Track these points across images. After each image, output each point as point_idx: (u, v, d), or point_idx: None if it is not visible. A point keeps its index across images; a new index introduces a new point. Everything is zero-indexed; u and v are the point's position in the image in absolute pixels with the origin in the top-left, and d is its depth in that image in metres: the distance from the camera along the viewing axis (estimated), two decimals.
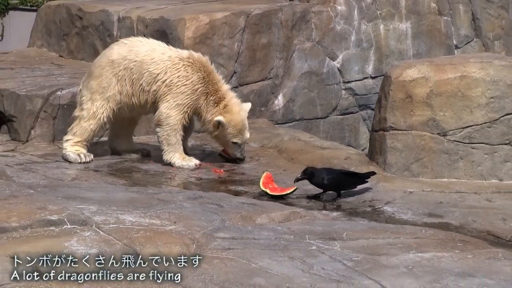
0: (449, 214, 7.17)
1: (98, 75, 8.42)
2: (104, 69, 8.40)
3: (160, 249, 5.25)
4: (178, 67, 8.26)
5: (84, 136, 8.50)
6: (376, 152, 8.46)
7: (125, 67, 8.34)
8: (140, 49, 8.42)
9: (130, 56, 8.37)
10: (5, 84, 10.01)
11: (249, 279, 4.96)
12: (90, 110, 8.43)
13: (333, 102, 11.42)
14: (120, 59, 8.37)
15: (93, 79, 8.45)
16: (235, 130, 8.36)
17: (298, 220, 6.53)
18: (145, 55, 8.35)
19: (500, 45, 12.97)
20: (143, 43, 8.56)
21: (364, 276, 5.10)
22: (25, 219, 5.53)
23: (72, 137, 8.55)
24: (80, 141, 8.52)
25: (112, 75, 8.36)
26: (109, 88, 8.36)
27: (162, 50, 8.45)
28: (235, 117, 8.35)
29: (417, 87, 8.26)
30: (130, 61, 8.34)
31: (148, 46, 8.48)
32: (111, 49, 8.65)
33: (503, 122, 8.21)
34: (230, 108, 8.35)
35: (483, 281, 5.08)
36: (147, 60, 8.32)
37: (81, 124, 8.49)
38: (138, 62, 8.32)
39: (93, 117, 8.43)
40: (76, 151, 8.52)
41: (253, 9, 10.70)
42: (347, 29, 11.47)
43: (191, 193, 7.20)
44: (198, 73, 8.28)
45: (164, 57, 8.33)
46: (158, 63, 8.29)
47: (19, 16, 16.13)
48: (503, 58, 8.84)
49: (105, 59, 8.48)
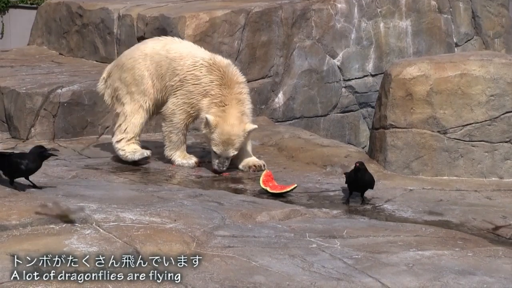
0: (449, 212, 7.16)
1: (131, 67, 8.41)
2: (137, 61, 8.39)
3: (160, 247, 5.25)
4: (195, 66, 8.19)
5: (136, 131, 8.43)
6: (376, 150, 8.46)
7: (156, 62, 8.33)
8: (173, 46, 8.41)
9: (162, 52, 8.36)
10: (5, 82, 10.01)
11: (250, 277, 4.96)
12: (132, 104, 8.41)
13: (333, 100, 11.41)
14: (154, 53, 8.37)
15: (125, 72, 8.43)
16: (219, 138, 8.01)
17: (298, 218, 6.53)
18: (175, 53, 8.32)
19: (500, 43, 12.97)
20: (177, 41, 8.56)
21: (364, 274, 5.10)
22: (25, 217, 5.54)
23: (124, 135, 8.45)
24: (133, 137, 8.44)
25: (144, 68, 8.35)
26: (142, 81, 8.35)
27: (192, 50, 8.41)
28: (226, 126, 8.00)
29: (417, 85, 8.26)
30: (161, 57, 8.33)
31: (181, 45, 8.47)
32: (145, 43, 8.66)
33: (503, 120, 8.21)
34: (226, 116, 8.04)
35: (483, 279, 5.09)
36: (176, 57, 8.29)
37: (128, 120, 8.42)
38: (168, 59, 8.30)
39: (137, 111, 8.40)
40: (134, 150, 8.43)
41: (253, 7, 10.69)
42: (347, 27, 11.47)
43: (191, 191, 7.21)
44: (211, 76, 8.16)
45: (190, 56, 8.28)
46: (184, 60, 8.25)
47: (19, 14, 16.15)
48: (503, 56, 8.83)
49: (139, 52, 8.46)
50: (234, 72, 8.24)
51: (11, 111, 9.60)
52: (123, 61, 8.54)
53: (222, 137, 8.00)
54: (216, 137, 8.01)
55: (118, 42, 11.14)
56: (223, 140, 8.01)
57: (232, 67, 8.30)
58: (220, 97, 8.10)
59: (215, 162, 8.15)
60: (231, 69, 8.24)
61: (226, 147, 8.04)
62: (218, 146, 8.04)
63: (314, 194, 7.72)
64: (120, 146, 8.45)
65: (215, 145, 8.04)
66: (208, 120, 7.98)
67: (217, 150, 8.05)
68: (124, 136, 8.43)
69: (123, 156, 8.43)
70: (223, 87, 8.12)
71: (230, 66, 8.28)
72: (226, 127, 8.00)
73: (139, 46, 8.67)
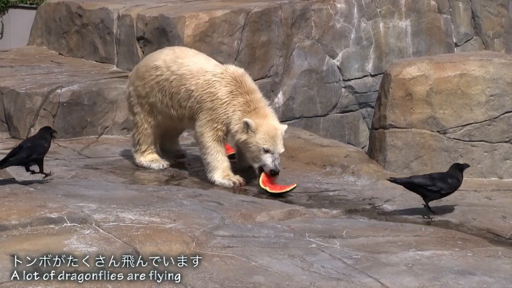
0: (448, 212, 7.16)
1: (142, 76, 8.23)
2: (148, 72, 8.17)
3: (160, 247, 5.25)
4: (209, 83, 7.90)
5: (148, 141, 8.31)
6: (376, 150, 8.46)
7: (166, 77, 8.07)
8: (184, 61, 8.08)
9: (173, 67, 8.07)
10: (4, 82, 10.02)
11: (249, 277, 4.96)
12: (141, 115, 8.27)
13: (333, 100, 11.41)
14: (164, 67, 8.10)
15: (138, 80, 8.28)
16: (266, 135, 7.64)
17: (298, 218, 6.54)
18: (186, 70, 8.02)
19: (499, 43, 12.96)
20: (189, 55, 8.16)
21: (364, 274, 5.11)
22: (25, 217, 5.54)
23: (138, 146, 8.37)
24: (147, 147, 8.33)
25: (154, 81, 8.14)
26: (151, 93, 8.16)
27: (203, 65, 8.05)
28: (268, 122, 7.70)
29: (417, 85, 8.26)
30: (172, 73, 8.05)
31: (192, 60, 8.09)
32: (160, 52, 8.37)
33: (503, 120, 8.21)
34: (262, 116, 7.71)
35: (483, 279, 5.09)
36: (187, 74, 8.00)
37: (139, 131, 8.33)
38: (178, 76, 8.02)
39: (147, 122, 8.27)
40: (151, 160, 8.34)
41: (253, 7, 10.69)
42: (347, 27, 11.46)
43: (191, 191, 7.21)
44: (226, 87, 7.85)
45: (201, 72, 7.97)
46: (195, 79, 7.96)
47: (19, 14, 16.13)
48: (503, 56, 8.83)
49: (151, 62, 8.23)
50: (249, 81, 7.96)
51: (11, 111, 9.60)
52: (138, 67, 8.41)
53: (271, 133, 7.65)
54: (263, 135, 7.63)
55: (117, 42, 11.14)
56: (272, 135, 7.65)
57: (247, 76, 8.00)
58: (244, 105, 7.80)
59: (270, 162, 7.66)
60: (246, 78, 7.96)
61: (277, 141, 7.68)
62: (268, 141, 7.64)
63: (314, 194, 7.72)
64: (137, 156, 8.40)
65: (266, 142, 7.63)
66: (248, 123, 7.60)
67: (269, 145, 7.62)
68: (138, 148, 8.37)
69: (139, 163, 8.36)
70: (244, 95, 7.83)
71: (245, 75, 7.97)
72: (269, 122, 7.70)
73: (154, 54, 8.41)
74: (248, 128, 7.63)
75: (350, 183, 8.08)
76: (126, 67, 10.94)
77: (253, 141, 7.66)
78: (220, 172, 7.88)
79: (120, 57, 11.12)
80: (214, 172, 7.90)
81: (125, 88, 8.63)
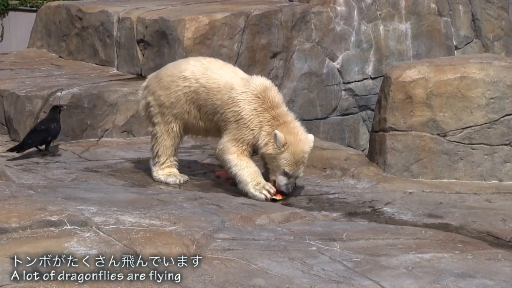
0: (449, 214, 7.17)
1: (167, 86, 7.94)
2: (175, 83, 7.91)
3: (160, 250, 5.25)
4: (234, 101, 7.70)
5: (168, 153, 8.06)
6: (376, 153, 8.46)
7: (195, 89, 7.86)
8: (212, 75, 7.86)
9: (202, 80, 7.85)
10: (5, 85, 10.03)
11: (249, 280, 4.96)
12: (163, 125, 8.00)
13: (333, 102, 11.42)
14: (192, 78, 7.87)
15: (161, 89, 7.96)
16: (291, 158, 7.51)
17: (298, 220, 6.53)
18: (213, 83, 7.82)
19: (500, 46, 12.98)
20: (217, 67, 7.96)
21: (364, 277, 5.10)
22: (25, 220, 5.54)
23: (157, 159, 8.10)
24: (166, 159, 8.09)
25: (181, 92, 7.90)
26: (177, 104, 7.91)
27: (229, 79, 7.81)
28: (297, 141, 7.53)
29: (417, 88, 8.27)
30: (200, 86, 7.84)
31: (219, 73, 7.87)
32: (187, 63, 8.08)
33: (503, 123, 8.22)
34: (292, 128, 7.57)
35: (482, 281, 5.09)
36: (214, 89, 7.80)
37: (159, 142, 8.06)
38: (206, 89, 7.82)
39: (167, 133, 8.00)
40: (168, 174, 8.09)
41: (253, 9, 10.70)
42: (347, 29, 11.48)
43: (191, 194, 7.20)
44: (250, 105, 7.65)
45: (227, 87, 7.76)
46: (220, 94, 7.77)
47: (19, 17, 16.17)
48: (503, 59, 8.84)
49: (178, 72, 7.95)
50: (274, 95, 7.74)
51: (11, 113, 9.60)
52: (162, 76, 8.07)
53: (296, 157, 7.51)
54: (289, 157, 7.50)
55: (117, 45, 11.15)
56: (297, 159, 7.51)
57: (271, 91, 7.74)
58: (272, 119, 7.63)
59: (284, 183, 7.58)
60: (270, 92, 7.73)
61: (299, 166, 7.57)
62: (291, 166, 7.52)
63: (314, 197, 7.73)
64: (155, 169, 8.13)
65: (288, 165, 7.51)
66: (278, 137, 7.43)
67: (291, 170, 7.52)
68: (157, 160, 8.10)
69: (156, 178, 8.09)
70: (269, 110, 7.65)
71: (269, 90, 7.73)
72: (298, 145, 7.52)
73: (181, 64, 8.12)
74: (276, 141, 7.47)
75: (350, 186, 8.08)
76: (126, 70, 10.96)
77: (278, 158, 7.55)
78: (250, 185, 7.64)
79: (120, 60, 11.13)
80: (245, 185, 7.65)
81: (140, 97, 8.27)
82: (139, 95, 8.33)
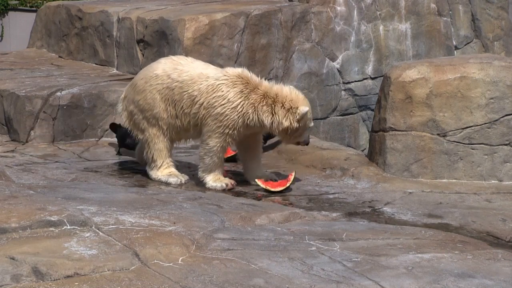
0: (448, 214, 7.17)
1: (142, 89, 7.98)
2: (148, 83, 7.95)
3: (160, 250, 5.25)
4: (214, 87, 7.74)
5: (162, 155, 8.04)
6: (375, 153, 8.47)
7: (167, 86, 7.89)
8: (184, 68, 7.93)
9: (173, 75, 7.90)
10: (4, 85, 10.03)
11: (249, 280, 4.96)
12: (150, 129, 8.00)
13: (333, 102, 11.42)
14: (164, 76, 7.91)
15: (138, 94, 8.01)
16: (310, 113, 7.84)
17: (297, 220, 6.53)
18: (186, 76, 7.87)
19: (499, 46, 12.97)
20: (188, 62, 8.04)
21: (363, 277, 5.10)
22: (24, 220, 5.54)
23: (153, 164, 8.09)
24: (163, 162, 8.06)
25: (155, 91, 7.93)
26: (155, 104, 7.93)
27: (203, 71, 7.91)
28: (304, 100, 7.83)
29: (416, 88, 8.27)
30: (173, 81, 7.88)
31: (191, 66, 7.96)
32: (158, 62, 8.16)
33: (502, 123, 8.22)
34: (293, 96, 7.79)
35: (482, 281, 5.09)
36: (187, 81, 7.85)
37: (151, 147, 8.03)
38: (179, 83, 7.85)
39: (157, 136, 8.00)
40: (168, 174, 8.08)
41: (253, 9, 10.70)
42: (347, 29, 11.47)
43: (191, 194, 7.21)
44: (236, 87, 7.72)
45: (202, 78, 7.84)
46: (196, 84, 7.82)
47: (18, 17, 16.18)
48: (503, 59, 8.84)
49: (150, 73, 8.01)
50: (251, 75, 7.85)
51: (11, 114, 9.60)
52: (136, 81, 8.13)
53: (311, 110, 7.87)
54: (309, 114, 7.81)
55: (117, 45, 11.16)
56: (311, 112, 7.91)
57: (247, 72, 7.87)
58: (263, 98, 7.73)
59: (308, 136, 8.03)
60: (247, 74, 7.83)
61: None
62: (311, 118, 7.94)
63: (314, 197, 7.73)
64: (152, 172, 8.11)
65: (311, 120, 7.91)
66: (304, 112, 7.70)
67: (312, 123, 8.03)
68: (154, 165, 8.08)
69: (156, 178, 8.08)
70: (255, 90, 7.74)
71: (245, 72, 7.85)
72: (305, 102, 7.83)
73: (152, 65, 8.20)
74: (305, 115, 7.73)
75: (350, 186, 8.09)
76: (126, 70, 10.96)
77: (301, 122, 7.76)
78: (212, 175, 7.88)
79: (120, 60, 11.13)
80: (207, 173, 7.89)
81: (120, 110, 8.26)
82: (118, 108, 8.33)
